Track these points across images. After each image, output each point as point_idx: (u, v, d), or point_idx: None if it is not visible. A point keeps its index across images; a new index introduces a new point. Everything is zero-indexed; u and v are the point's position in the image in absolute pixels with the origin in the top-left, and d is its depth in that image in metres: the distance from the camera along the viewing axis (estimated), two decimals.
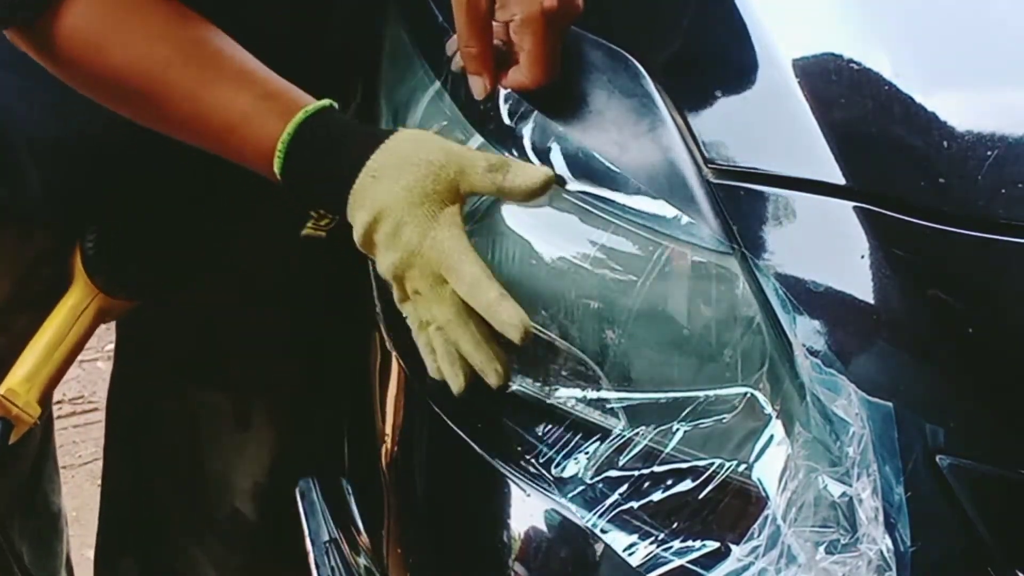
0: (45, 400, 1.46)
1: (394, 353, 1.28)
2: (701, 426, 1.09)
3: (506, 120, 1.19)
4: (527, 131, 1.17)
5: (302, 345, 1.60)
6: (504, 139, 1.18)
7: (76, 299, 1.45)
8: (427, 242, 1.11)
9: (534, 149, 1.16)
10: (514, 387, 1.16)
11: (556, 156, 1.15)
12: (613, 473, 1.11)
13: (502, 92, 1.19)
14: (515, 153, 1.17)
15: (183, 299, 1.52)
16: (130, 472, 1.68)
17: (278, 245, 1.51)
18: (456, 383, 1.14)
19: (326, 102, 1.17)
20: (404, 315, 1.17)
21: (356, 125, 1.19)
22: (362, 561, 1.37)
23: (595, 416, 1.14)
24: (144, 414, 1.64)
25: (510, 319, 1.08)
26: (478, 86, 1.19)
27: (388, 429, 1.32)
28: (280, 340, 1.60)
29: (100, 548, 1.75)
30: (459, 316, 1.11)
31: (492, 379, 1.13)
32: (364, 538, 1.37)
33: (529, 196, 1.13)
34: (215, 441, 1.63)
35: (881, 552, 0.98)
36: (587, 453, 1.12)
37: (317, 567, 1.44)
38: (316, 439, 1.63)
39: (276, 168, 1.15)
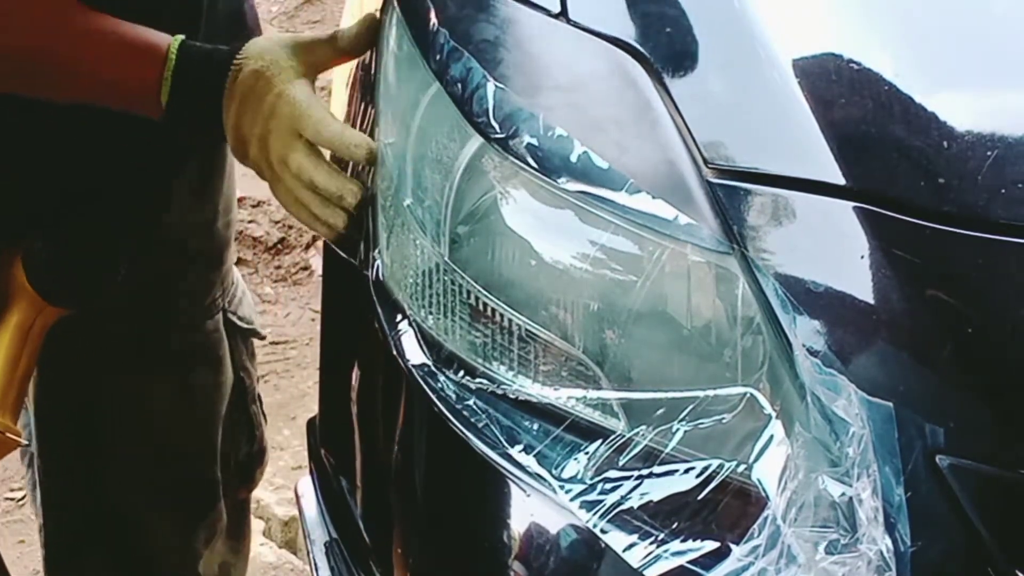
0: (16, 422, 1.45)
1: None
2: (701, 426, 1.09)
3: (506, 121, 1.19)
4: (527, 132, 1.17)
5: (216, 297, 1.63)
6: (504, 140, 1.18)
7: (22, 315, 1.42)
8: (281, 101, 1.26)
9: (534, 149, 1.16)
10: (515, 387, 1.16)
11: (557, 156, 1.15)
12: (613, 473, 1.10)
13: (502, 93, 1.19)
14: (515, 154, 1.17)
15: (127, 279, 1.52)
16: (80, 474, 1.66)
17: (198, 205, 1.54)
18: (338, 220, 1.26)
19: (180, 37, 1.31)
20: (278, 199, 1.30)
21: (212, 48, 1.32)
22: (362, 562, 1.37)
23: (595, 416, 1.14)
24: (86, 412, 1.62)
25: (355, 140, 1.25)
26: None
27: (388, 429, 1.32)
28: (204, 297, 1.61)
29: (51, 558, 1.72)
30: (312, 156, 1.26)
31: (349, 199, 1.25)
32: (365, 538, 1.37)
33: (357, 47, 1.31)
34: (164, 418, 1.62)
35: (881, 552, 0.98)
36: (587, 453, 1.12)
37: (317, 567, 1.44)
38: (244, 386, 1.69)
39: (163, 98, 1.29)
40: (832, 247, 1.06)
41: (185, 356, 1.62)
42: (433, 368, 1.22)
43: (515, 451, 1.15)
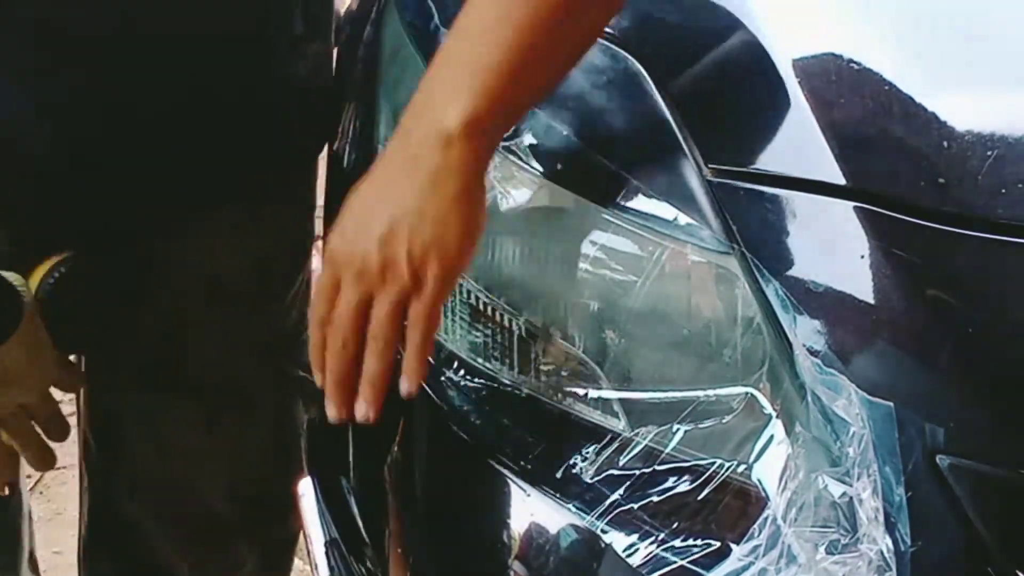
0: None
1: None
2: (701, 426, 1.09)
3: None
4: (528, 132, 1.17)
5: (264, 340, 1.61)
6: (505, 139, 1.18)
7: None
8: None
9: (535, 149, 1.16)
10: (515, 387, 1.16)
11: (556, 156, 1.15)
12: (613, 473, 1.11)
13: None
14: (516, 154, 1.17)
15: (148, 308, 1.50)
16: (102, 479, 1.67)
17: (242, 244, 1.52)
18: None
19: None
20: None
21: None
22: (362, 561, 1.37)
23: (595, 416, 1.14)
24: (111, 425, 1.62)
25: None
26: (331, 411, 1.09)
27: (388, 428, 1.32)
28: (244, 337, 1.60)
29: (82, 550, 1.75)
30: None
31: None
32: (364, 538, 1.37)
33: None
34: (181, 446, 1.62)
35: (881, 552, 0.98)
36: (587, 453, 1.12)
37: (317, 567, 1.44)
38: (286, 433, 1.65)
39: None
40: (832, 247, 1.06)
41: (210, 390, 1.60)
42: (433, 368, 1.22)
43: (515, 451, 1.15)
